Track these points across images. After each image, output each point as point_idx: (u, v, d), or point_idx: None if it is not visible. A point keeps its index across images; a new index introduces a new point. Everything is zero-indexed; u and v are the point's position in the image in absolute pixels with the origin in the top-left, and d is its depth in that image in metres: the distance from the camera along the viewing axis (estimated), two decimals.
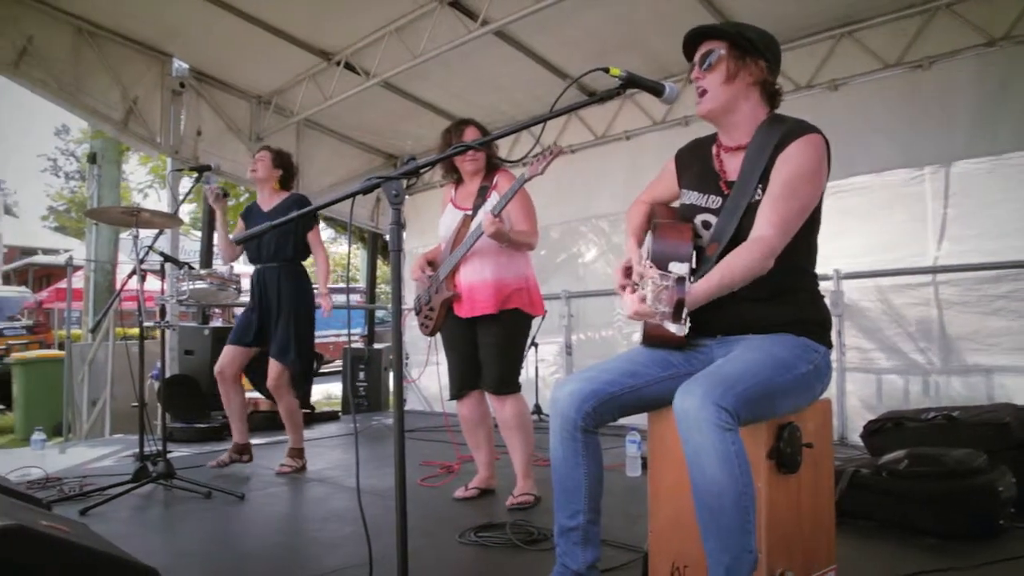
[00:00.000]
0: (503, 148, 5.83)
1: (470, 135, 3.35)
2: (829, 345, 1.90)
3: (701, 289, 1.68)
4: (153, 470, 3.54)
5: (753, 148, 1.90)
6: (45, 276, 21.55)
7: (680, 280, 1.47)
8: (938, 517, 2.58)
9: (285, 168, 4.30)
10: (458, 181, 3.51)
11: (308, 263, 4.28)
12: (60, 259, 11.94)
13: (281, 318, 4.05)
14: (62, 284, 11.44)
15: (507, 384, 3.31)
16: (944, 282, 4.46)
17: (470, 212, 3.35)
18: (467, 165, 3.38)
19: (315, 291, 4.22)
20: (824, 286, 4.53)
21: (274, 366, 4.06)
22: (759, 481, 1.68)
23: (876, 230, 4.72)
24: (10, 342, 12.04)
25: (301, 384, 4.21)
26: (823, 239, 1.98)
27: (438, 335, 3.51)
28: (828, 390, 1.94)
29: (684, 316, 1.47)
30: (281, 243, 4.11)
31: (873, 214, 4.71)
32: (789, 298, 1.89)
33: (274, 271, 4.11)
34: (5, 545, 1.70)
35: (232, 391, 4.18)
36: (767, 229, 1.77)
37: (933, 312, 4.50)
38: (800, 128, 1.87)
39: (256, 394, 4.74)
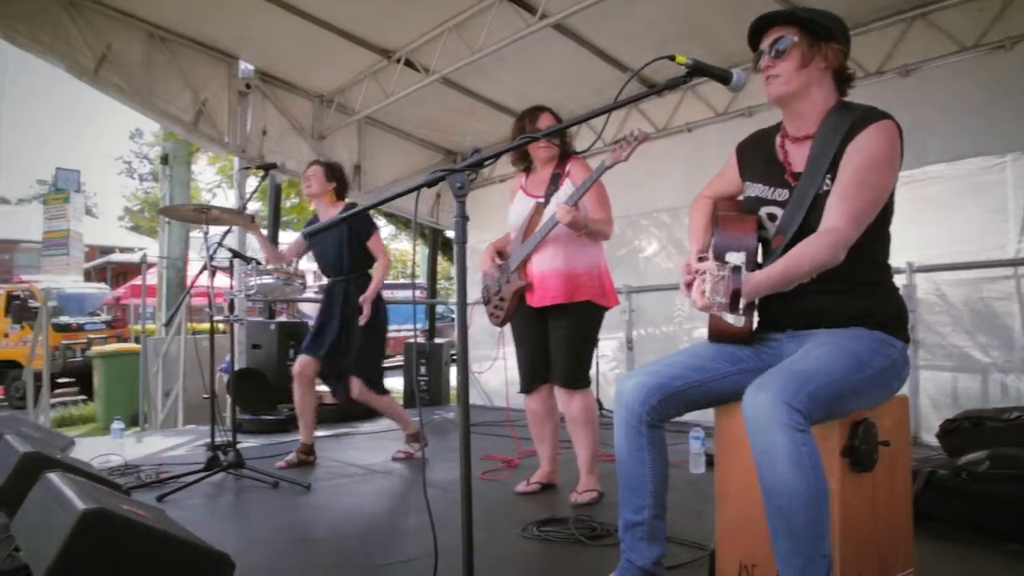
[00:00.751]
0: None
1: (545, 121, 3.31)
2: (906, 339, 1.83)
3: (763, 278, 1.63)
4: (224, 460, 3.66)
5: (821, 137, 1.83)
6: (122, 273, 22.54)
7: (736, 269, 1.44)
8: (1022, 522, 2.45)
9: (338, 179, 4.38)
10: (527, 169, 3.49)
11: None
12: (135, 257, 12.43)
13: (353, 333, 4.14)
14: (137, 281, 11.90)
15: (577, 378, 3.29)
16: None
17: (542, 200, 3.31)
18: (541, 152, 3.35)
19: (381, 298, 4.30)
20: (896, 280, 4.44)
21: (354, 382, 4.18)
22: (832, 480, 1.63)
23: (952, 221, 4.51)
24: (91, 336, 12.63)
25: (380, 387, 4.30)
26: (894, 231, 1.90)
27: (506, 328, 3.50)
28: (907, 395, 1.86)
29: (741, 306, 1.44)
30: (338, 259, 4.21)
31: (948, 204, 4.51)
32: (862, 291, 1.82)
33: (342, 284, 4.21)
34: (90, 527, 1.78)
35: (305, 392, 4.29)
36: (839, 221, 1.70)
37: (1014, 307, 4.28)
38: (871, 115, 1.79)
39: (325, 387, 4.84)
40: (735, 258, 1.46)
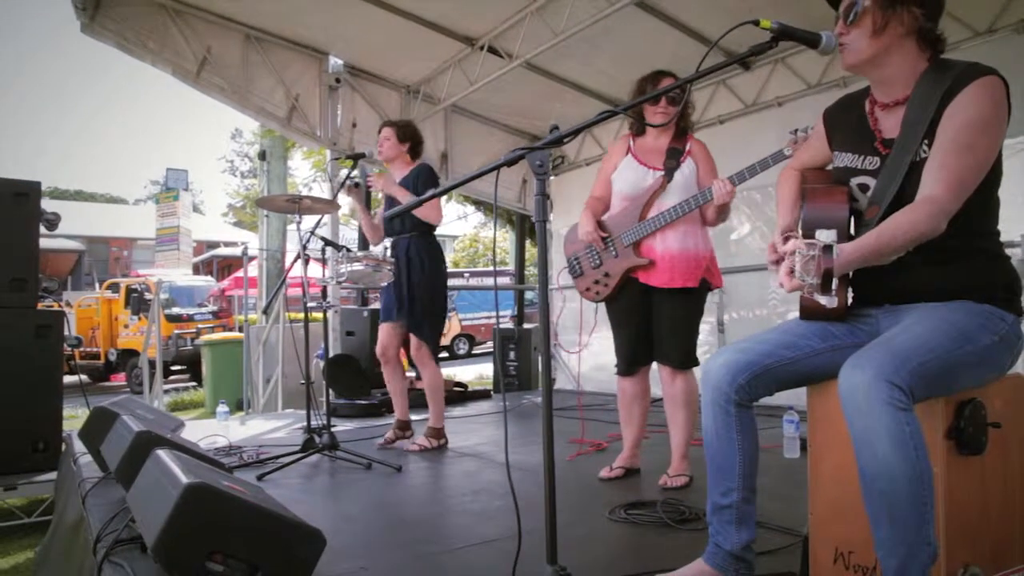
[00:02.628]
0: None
1: (664, 82, 3.13)
2: (1019, 313, 1.68)
3: (854, 251, 1.54)
4: (319, 442, 3.80)
5: (916, 99, 1.70)
6: (226, 266, 23.77)
7: (827, 248, 1.36)
8: None
9: (412, 139, 4.33)
10: (638, 134, 3.35)
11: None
12: (238, 250, 13.07)
13: (415, 291, 4.13)
14: (240, 273, 12.52)
15: (689, 359, 3.22)
16: None
17: (662, 173, 3.18)
18: (657, 117, 3.17)
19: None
20: (1012, 253, 4.12)
21: (412, 340, 4.19)
22: (937, 464, 1.52)
23: None
24: (199, 326, 13.40)
25: (436, 358, 4.29)
26: (1010, 202, 1.75)
27: (591, 307, 3.43)
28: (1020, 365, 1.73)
29: (834, 286, 1.36)
30: (403, 217, 4.13)
31: None
32: (966, 261, 1.69)
33: (404, 242, 4.18)
34: (193, 499, 1.88)
35: (393, 370, 4.37)
36: (938, 188, 1.58)
37: None
38: (973, 71, 1.64)
39: (414, 372, 4.93)
40: (825, 236, 1.39)
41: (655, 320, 3.23)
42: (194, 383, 11.65)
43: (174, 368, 13.23)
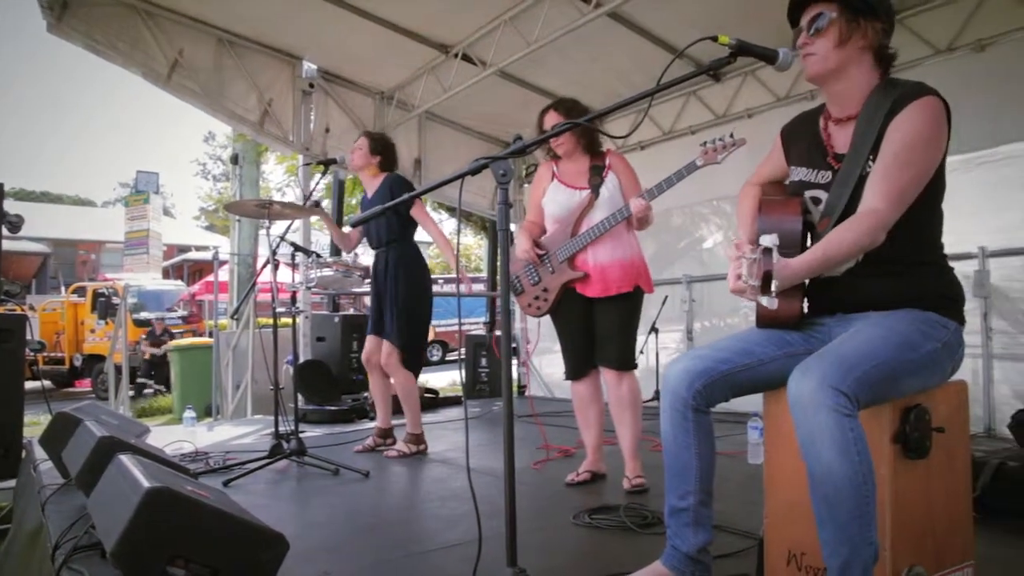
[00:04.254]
0: (622, 129, 5.77)
1: (549, 121, 3.32)
2: (961, 321, 1.75)
3: (802, 263, 1.61)
4: (287, 447, 3.79)
5: (864, 116, 1.78)
6: (197, 271, 23.49)
7: (767, 252, 1.42)
8: None
9: (384, 152, 4.34)
10: (556, 157, 3.48)
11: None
12: (209, 255, 12.95)
13: (394, 300, 4.15)
14: (211, 277, 12.40)
15: (629, 361, 3.34)
16: None
17: (589, 191, 3.32)
18: (558, 148, 3.39)
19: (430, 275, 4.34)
20: (968, 265, 4.26)
21: (385, 345, 4.18)
22: (883, 467, 1.58)
23: None
24: (169, 331, 13.22)
25: (412, 364, 4.25)
26: (966, 215, 1.83)
27: (546, 318, 3.52)
28: (974, 379, 1.79)
29: (773, 289, 1.42)
30: (383, 227, 4.20)
31: None
32: (913, 271, 1.76)
33: (383, 254, 4.23)
34: (154, 504, 1.88)
35: (377, 377, 4.38)
36: (878, 201, 1.65)
37: None
38: (915, 91, 1.73)
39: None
40: (767, 240, 1.44)
41: (597, 327, 3.36)
42: (162, 388, 11.50)
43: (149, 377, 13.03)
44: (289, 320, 4.06)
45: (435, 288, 4.51)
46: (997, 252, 4.33)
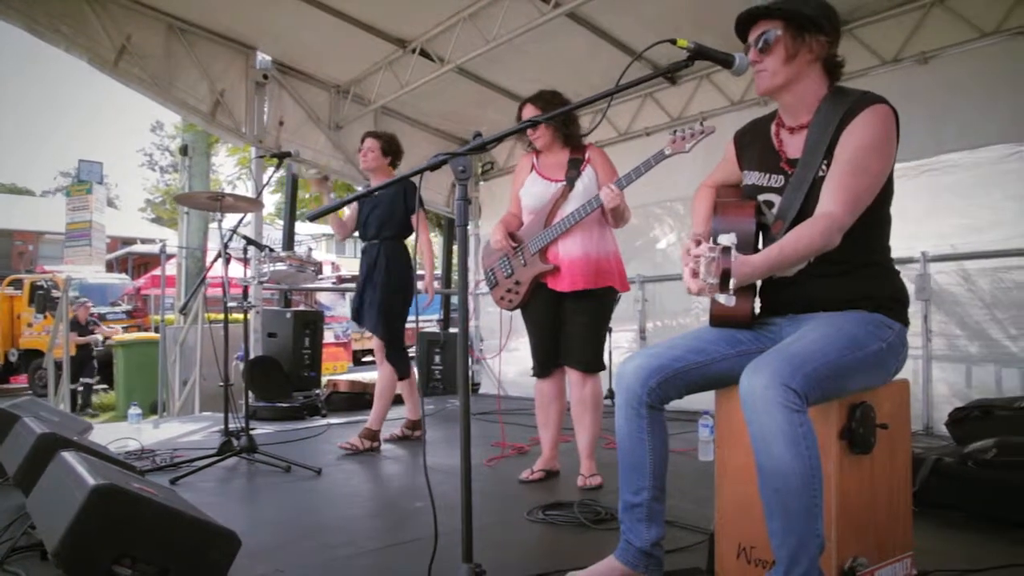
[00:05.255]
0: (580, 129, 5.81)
1: (526, 113, 3.35)
2: (905, 322, 1.82)
3: (758, 262, 1.64)
4: (237, 444, 3.72)
5: (817, 123, 1.84)
6: (143, 264, 22.85)
7: (725, 250, 1.46)
8: None
9: (395, 153, 4.45)
10: (537, 150, 3.47)
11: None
12: (156, 248, 12.61)
13: (376, 292, 4.22)
14: (157, 271, 12.07)
15: (596, 363, 3.33)
16: None
17: (564, 183, 3.30)
18: (536, 141, 3.39)
19: (418, 275, 4.44)
20: (910, 269, 4.41)
21: (375, 339, 4.29)
22: (829, 462, 1.63)
23: (969, 210, 4.46)
24: (112, 326, 12.83)
25: (397, 361, 4.34)
26: (910, 220, 1.90)
27: (516, 313, 3.51)
28: (914, 378, 1.86)
29: (731, 287, 1.46)
30: (385, 222, 4.27)
31: (966, 193, 4.46)
32: (860, 273, 1.82)
33: (375, 248, 4.28)
34: (101, 503, 1.83)
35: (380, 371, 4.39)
36: (834, 205, 1.70)
37: None
38: (866, 99, 1.79)
39: (342, 376, 4.91)
40: (725, 239, 1.48)
41: (564, 325, 3.34)
42: (104, 386, 11.15)
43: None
44: (238, 316, 3.99)
45: None
46: (938, 257, 4.50)
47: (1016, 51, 4.33)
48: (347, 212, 4.51)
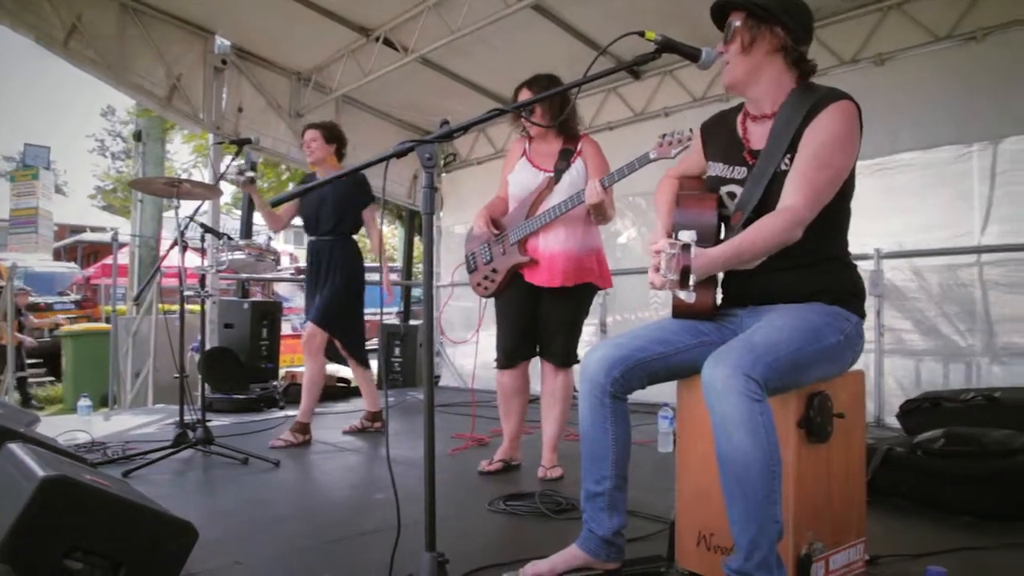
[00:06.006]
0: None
1: (522, 97, 3.25)
2: (861, 315, 1.87)
3: (717, 254, 1.66)
4: (192, 436, 3.64)
5: (782, 116, 1.86)
6: (93, 253, 22.18)
7: (685, 247, 1.47)
8: (974, 496, 2.53)
9: (338, 140, 4.38)
10: (531, 136, 3.40)
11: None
12: (106, 236, 12.25)
13: (327, 286, 4.17)
14: (108, 260, 11.74)
15: (572, 357, 3.32)
16: (989, 263, 4.34)
17: (552, 175, 3.25)
18: (530, 129, 3.32)
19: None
20: (864, 266, 4.52)
21: (309, 326, 4.21)
22: (788, 450, 1.66)
23: (920, 209, 4.60)
24: (60, 316, 12.44)
25: (358, 352, 4.33)
26: (864, 218, 1.94)
27: (488, 306, 3.49)
28: (867, 371, 1.91)
29: (691, 283, 1.47)
30: (339, 217, 4.22)
31: (918, 192, 4.59)
32: (820, 267, 1.86)
33: (327, 244, 4.22)
34: (51, 494, 1.77)
35: (310, 362, 4.31)
36: (797, 199, 1.73)
37: (977, 294, 4.38)
38: (832, 95, 1.82)
39: (300, 368, 4.84)
40: (685, 236, 1.49)
41: (541, 318, 3.31)
42: (51, 378, 10.81)
43: (29, 362, 12.21)
44: (194, 306, 3.91)
45: None
46: (891, 254, 4.62)
47: (967, 56, 4.46)
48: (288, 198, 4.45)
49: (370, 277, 4.49)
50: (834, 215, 1.83)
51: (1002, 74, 4.31)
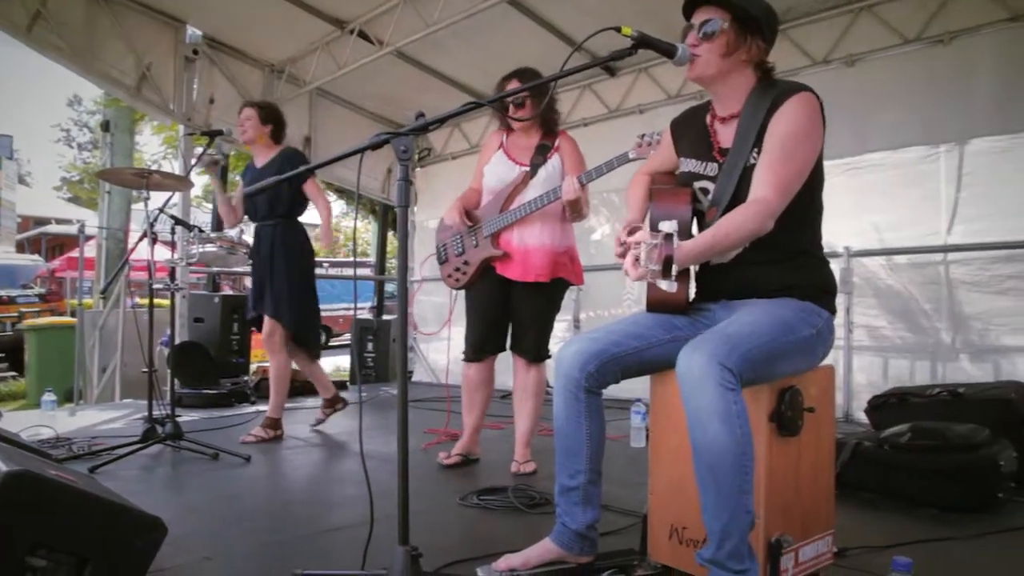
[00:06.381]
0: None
1: (510, 87, 3.20)
2: (832, 311, 1.89)
3: (693, 246, 1.68)
4: (161, 431, 3.59)
5: (747, 113, 1.89)
6: (58, 245, 21.75)
7: (668, 237, 1.49)
8: (939, 489, 2.59)
9: (275, 121, 4.19)
10: (509, 129, 3.39)
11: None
12: (72, 229, 11.99)
13: (276, 276, 4.02)
14: (74, 253, 11.50)
15: (543, 352, 3.32)
16: (955, 261, 4.44)
17: (528, 169, 3.24)
18: (514, 122, 3.28)
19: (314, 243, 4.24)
20: (834, 263, 4.56)
21: (267, 322, 4.08)
22: (759, 444, 1.68)
23: (889, 208, 4.68)
24: (23, 310, 12.17)
25: (312, 343, 4.22)
26: (835, 216, 1.96)
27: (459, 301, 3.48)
28: (835, 367, 1.94)
29: (674, 272, 1.48)
30: (273, 200, 4.04)
31: (887, 192, 4.67)
32: (793, 261, 1.88)
33: (269, 229, 4.06)
34: (14, 489, 1.73)
35: (273, 357, 4.23)
36: (766, 191, 1.76)
37: (943, 292, 4.47)
38: (792, 88, 1.85)
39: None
40: (667, 226, 1.50)
41: (513, 313, 3.31)
42: (13, 373, 10.57)
43: None
44: (163, 300, 3.85)
45: (320, 271, 4.41)
46: (860, 252, 4.70)
47: (934, 58, 4.55)
48: (236, 195, 4.27)
49: (346, 271, 4.43)
50: (804, 208, 1.85)
51: (968, 77, 4.40)
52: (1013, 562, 2.15)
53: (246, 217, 4.27)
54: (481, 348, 3.39)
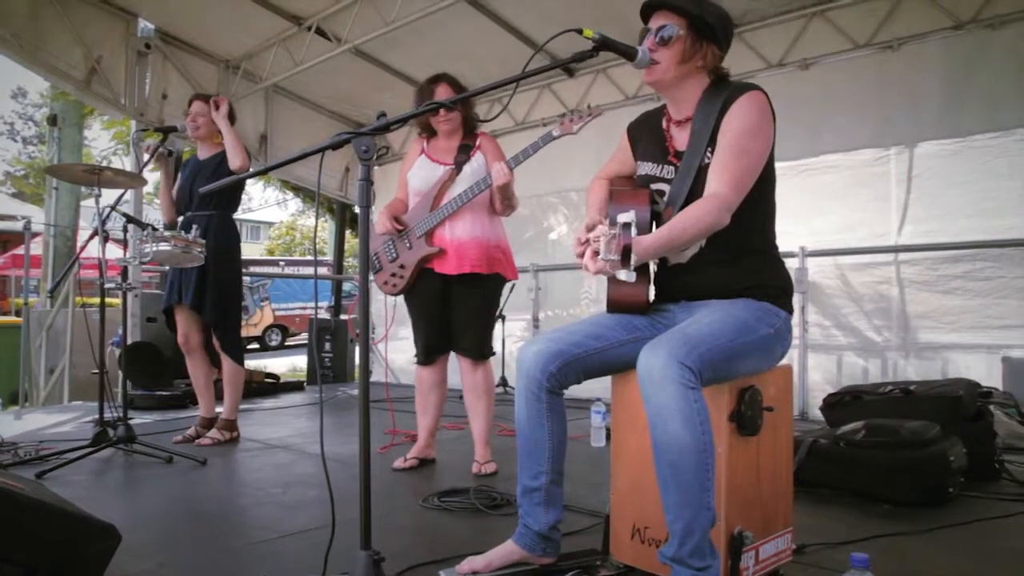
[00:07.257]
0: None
1: (442, 92, 3.27)
2: (790, 311, 1.93)
3: (652, 240, 1.71)
4: (113, 434, 3.49)
5: (700, 115, 1.93)
6: (1, 243, 20.98)
7: (626, 226, 1.50)
8: (892, 485, 2.66)
9: (228, 117, 4.06)
10: (430, 136, 3.43)
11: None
12: (17, 225, 11.61)
13: (214, 276, 3.90)
14: (19, 250, 11.13)
15: (486, 350, 3.33)
16: (905, 262, 4.57)
17: (452, 167, 3.27)
18: (442, 125, 3.32)
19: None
20: (789, 263, 4.66)
21: (183, 319, 4.02)
22: (719, 443, 1.70)
23: (842, 209, 4.80)
24: None
25: (230, 344, 4.05)
26: (790, 217, 2.00)
27: (401, 301, 3.46)
28: (792, 366, 1.97)
29: (632, 262, 1.50)
30: (211, 193, 3.83)
31: (840, 193, 4.79)
32: (750, 262, 1.92)
33: (203, 220, 3.92)
34: None
35: (197, 362, 4.14)
36: (720, 186, 1.79)
37: (894, 291, 4.60)
38: (742, 87, 1.90)
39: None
40: (624, 217, 1.51)
41: (452, 312, 3.32)
42: None
43: None
44: (114, 300, 3.74)
45: (276, 269, 4.32)
46: (814, 252, 4.81)
47: (884, 64, 4.68)
48: (175, 188, 4.15)
49: (305, 270, 4.36)
50: (759, 205, 1.89)
51: (917, 82, 4.54)
52: (964, 554, 2.21)
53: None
54: (432, 350, 3.40)
